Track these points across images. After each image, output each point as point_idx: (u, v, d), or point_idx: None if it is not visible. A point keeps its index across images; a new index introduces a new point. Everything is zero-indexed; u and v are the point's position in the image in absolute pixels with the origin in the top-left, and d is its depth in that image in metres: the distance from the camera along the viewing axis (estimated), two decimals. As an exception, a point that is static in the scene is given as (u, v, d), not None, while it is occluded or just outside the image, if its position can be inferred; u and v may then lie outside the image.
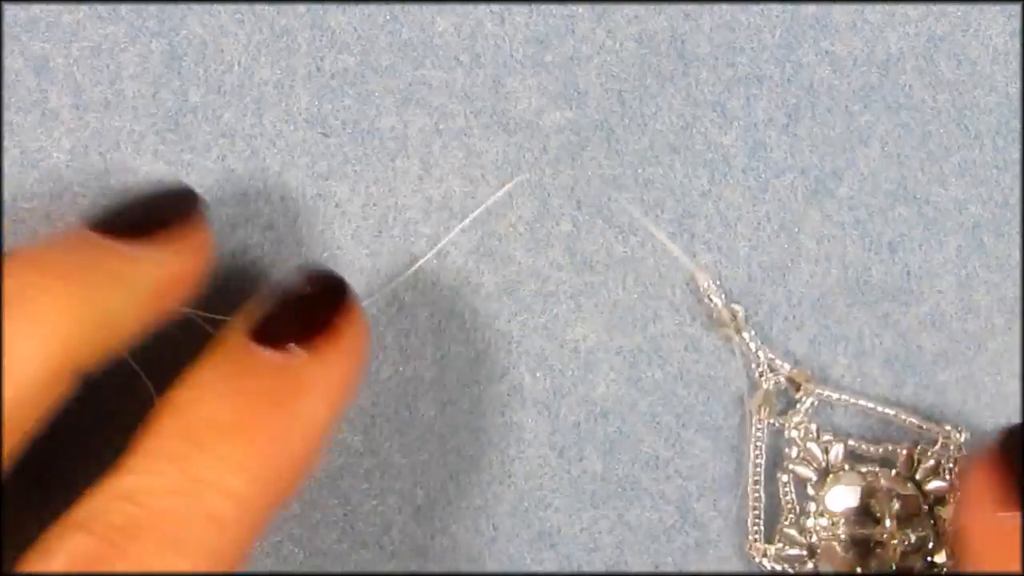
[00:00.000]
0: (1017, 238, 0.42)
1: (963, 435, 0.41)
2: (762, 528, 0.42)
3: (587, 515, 0.43)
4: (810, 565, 0.41)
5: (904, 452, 0.41)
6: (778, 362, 0.42)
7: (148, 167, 0.42)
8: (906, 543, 0.40)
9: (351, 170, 0.42)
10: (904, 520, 0.41)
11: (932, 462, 0.41)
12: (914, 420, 0.41)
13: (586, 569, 0.43)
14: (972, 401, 0.42)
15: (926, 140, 0.42)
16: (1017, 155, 0.42)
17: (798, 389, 0.41)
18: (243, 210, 0.42)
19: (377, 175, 0.42)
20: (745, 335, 0.41)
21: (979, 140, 0.42)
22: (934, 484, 0.41)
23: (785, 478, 0.41)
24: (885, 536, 0.40)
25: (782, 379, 0.42)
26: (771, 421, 0.41)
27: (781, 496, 0.41)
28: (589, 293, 0.42)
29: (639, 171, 0.42)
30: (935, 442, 0.41)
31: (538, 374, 0.42)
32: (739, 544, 0.42)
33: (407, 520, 0.43)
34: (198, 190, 0.42)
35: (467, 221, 0.41)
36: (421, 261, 0.41)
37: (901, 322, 0.42)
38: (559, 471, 0.42)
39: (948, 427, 0.41)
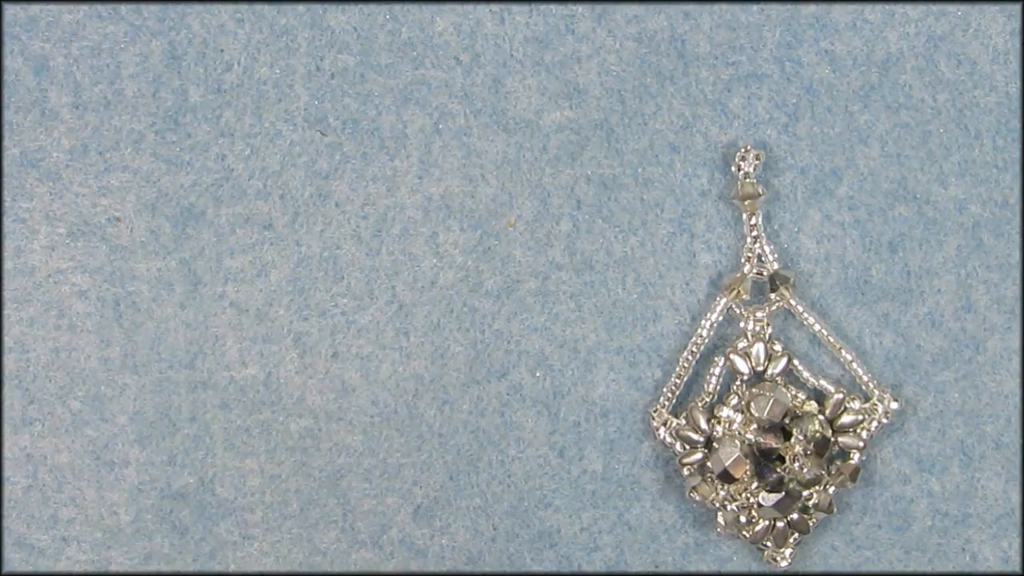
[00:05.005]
0: (1017, 238, 0.42)
1: (892, 404, 0.41)
2: (674, 400, 0.42)
3: (587, 515, 0.43)
4: (698, 456, 0.41)
5: (836, 396, 0.41)
6: (770, 257, 0.42)
7: (148, 167, 0.42)
8: (803, 471, 0.40)
9: (350, 169, 0.42)
10: (808, 455, 0.41)
11: (854, 418, 0.41)
12: (861, 372, 0.41)
13: (586, 569, 0.43)
14: (972, 401, 0.42)
15: (926, 140, 0.42)
16: (1017, 155, 0.42)
17: (774, 289, 0.41)
18: (243, 209, 0.42)
19: (376, 174, 0.42)
20: (756, 219, 0.41)
21: (979, 140, 0.42)
22: (846, 439, 0.41)
23: (720, 363, 0.41)
24: (788, 455, 0.40)
25: (765, 274, 0.42)
26: (733, 306, 0.42)
27: (706, 378, 0.41)
28: (589, 293, 0.42)
29: (639, 171, 0.42)
30: (867, 399, 0.41)
31: (538, 374, 0.42)
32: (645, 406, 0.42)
33: (407, 520, 0.43)
34: (198, 190, 0.42)
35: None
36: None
37: (901, 322, 0.42)
38: (559, 471, 0.42)
39: (886, 393, 0.41)
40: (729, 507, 0.41)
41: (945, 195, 0.42)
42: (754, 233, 0.42)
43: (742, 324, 0.42)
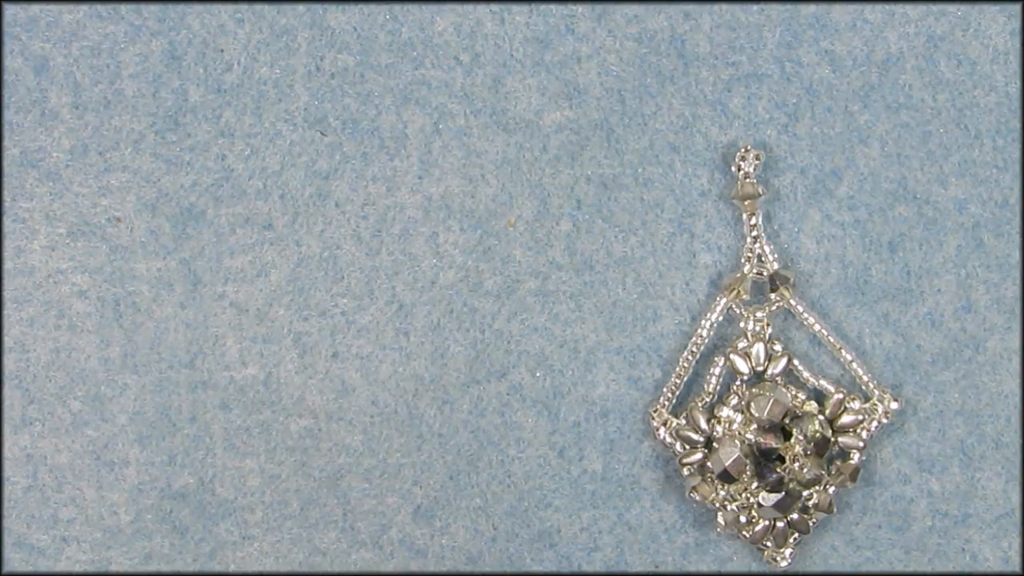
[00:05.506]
0: (1017, 238, 0.42)
1: (892, 404, 0.41)
2: (674, 400, 0.42)
3: (587, 515, 0.43)
4: (698, 456, 0.41)
5: (836, 396, 0.41)
6: (770, 257, 0.42)
7: (148, 167, 0.42)
8: (803, 471, 0.40)
9: (350, 169, 0.42)
10: (808, 455, 0.41)
11: (854, 418, 0.41)
12: (861, 372, 0.41)
13: (586, 569, 0.43)
14: (972, 401, 0.42)
15: (926, 140, 0.42)
16: (1017, 155, 0.42)
17: (775, 289, 0.42)
18: (243, 210, 0.42)
19: (376, 174, 0.42)
20: (756, 219, 0.41)
21: (979, 140, 0.42)
22: (846, 439, 0.41)
23: (720, 363, 0.41)
24: (788, 455, 0.40)
25: (765, 274, 0.42)
26: (733, 306, 0.42)
27: (706, 378, 0.41)
28: (589, 292, 0.42)
29: (639, 171, 0.42)
30: (867, 399, 0.41)
31: (538, 374, 0.42)
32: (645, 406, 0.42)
33: (407, 520, 0.43)
34: (198, 190, 0.42)
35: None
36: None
37: (901, 322, 0.42)
38: (559, 471, 0.42)
39: (886, 393, 0.41)
40: (729, 507, 0.41)
41: (945, 195, 0.42)
42: (754, 233, 0.42)
43: (742, 324, 0.42)
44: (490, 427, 0.42)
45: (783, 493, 0.41)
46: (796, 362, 0.42)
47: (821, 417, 0.41)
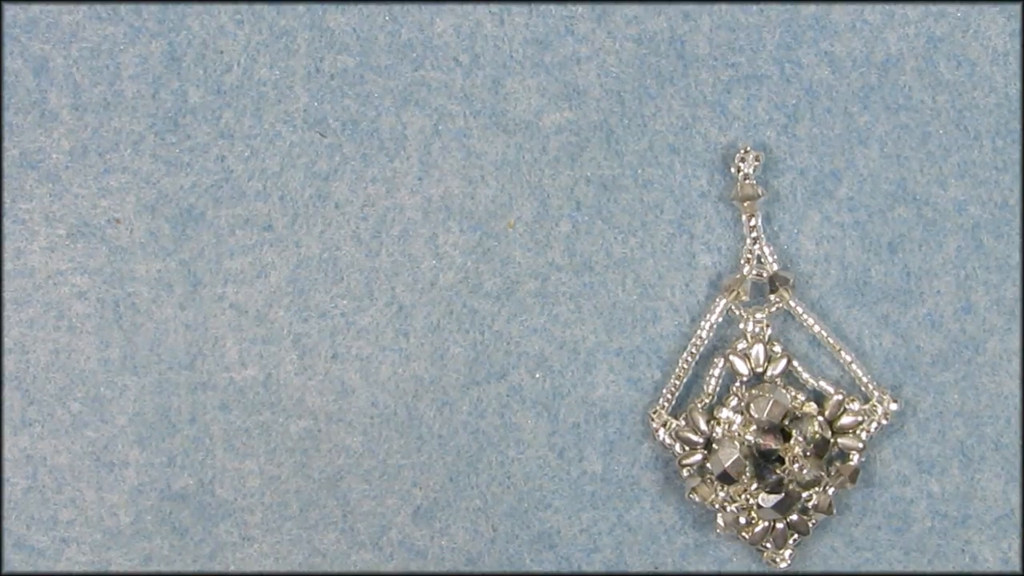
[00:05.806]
0: (1017, 238, 0.42)
1: (892, 405, 0.41)
2: (674, 401, 0.42)
3: (587, 515, 0.43)
4: (697, 457, 0.41)
5: (835, 397, 0.41)
6: (770, 259, 0.42)
7: (148, 168, 0.42)
8: (802, 472, 0.40)
9: (350, 170, 0.42)
10: (807, 456, 0.41)
11: (853, 419, 0.41)
12: (860, 373, 0.41)
13: (586, 570, 0.43)
14: (971, 402, 0.42)
15: (926, 140, 0.42)
16: (1017, 155, 0.42)
17: (774, 290, 0.42)
18: (243, 210, 0.42)
19: (376, 175, 0.42)
20: (756, 220, 0.41)
21: (979, 140, 0.42)
22: (845, 440, 0.41)
23: (720, 364, 0.41)
24: (788, 456, 0.40)
25: (764, 275, 0.42)
26: (732, 307, 0.42)
27: (706, 379, 0.42)
28: (589, 293, 0.42)
29: (639, 172, 0.42)
30: (867, 401, 0.41)
31: (538, 374, 0.42)
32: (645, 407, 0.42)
33: (406, 521, 0.43)
34: (198, 191, 0.42)
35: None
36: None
37: (900, 323, 0.42)
38: (559, 472, 0.42)
39: (886, 395, 0.41)
40: (729, 508, 0.41)
41: (945, 196, 0.42)
42: (754, 234, 0.42)
43: (742, 325, 0.42)
44: (490, 428, 0.42)
45: (783, 494, 0.41)
46: (796, 363, 0.42)
47: (820, 418, 0.41)
